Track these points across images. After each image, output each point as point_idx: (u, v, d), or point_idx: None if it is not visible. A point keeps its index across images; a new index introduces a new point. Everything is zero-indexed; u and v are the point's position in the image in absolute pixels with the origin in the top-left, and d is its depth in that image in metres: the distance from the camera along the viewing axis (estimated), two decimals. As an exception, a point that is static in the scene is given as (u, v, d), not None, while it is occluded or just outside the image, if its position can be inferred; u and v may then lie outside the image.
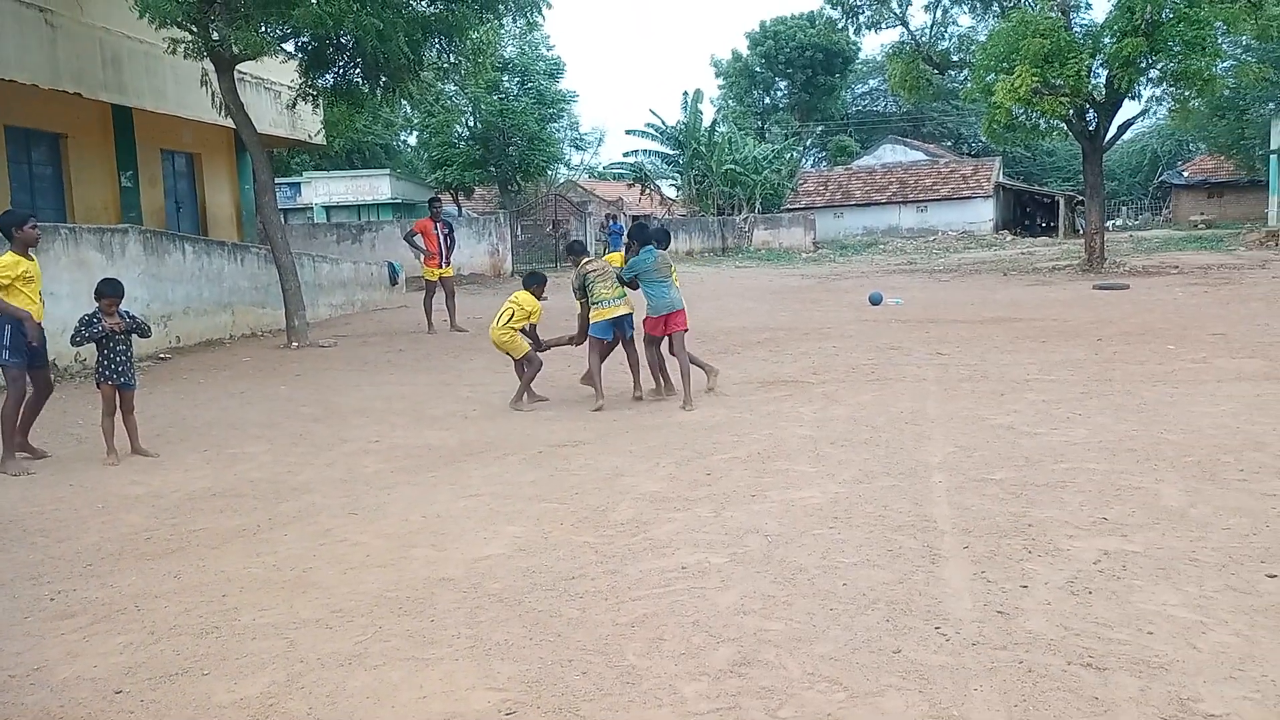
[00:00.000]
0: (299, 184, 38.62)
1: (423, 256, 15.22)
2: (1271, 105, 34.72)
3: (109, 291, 7.05)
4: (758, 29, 58.15)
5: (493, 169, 35.61)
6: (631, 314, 8.59)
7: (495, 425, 7.86)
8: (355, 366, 11.47)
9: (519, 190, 36.94)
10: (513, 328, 8.61)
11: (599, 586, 4.13)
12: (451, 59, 15.61)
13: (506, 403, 8.64)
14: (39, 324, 6.85)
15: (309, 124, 19.32)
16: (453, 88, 27.82)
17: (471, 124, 35.51)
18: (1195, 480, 5.33)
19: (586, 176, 51.01)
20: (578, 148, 45.31)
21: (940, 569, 4.13)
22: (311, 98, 15.50)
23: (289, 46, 15.12)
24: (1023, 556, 4.24)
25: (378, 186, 37.42)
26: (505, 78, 34.89)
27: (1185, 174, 50.44)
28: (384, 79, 14.62)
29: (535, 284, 8.93)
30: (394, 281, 20.64)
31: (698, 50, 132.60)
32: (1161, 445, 6.14)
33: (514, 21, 17.38)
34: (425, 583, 4.27)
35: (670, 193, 45.09)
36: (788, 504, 5.22)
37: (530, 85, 35.57)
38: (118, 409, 7.09)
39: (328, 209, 37.53)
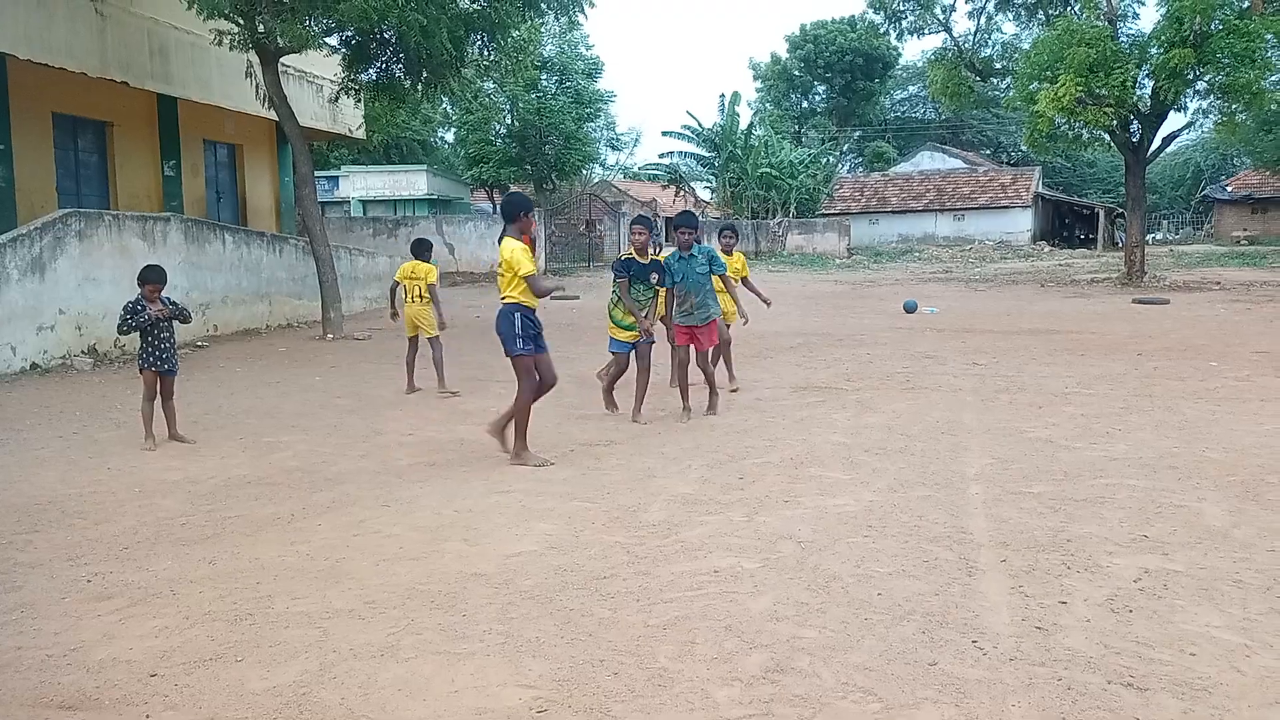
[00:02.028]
0: (337, 178, 38.97)
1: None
2: (1321, 120, 34.02)
3: (152, 278, 7.14)
4: (797, 32, 57.90)
5: (528, 167, 35.72)
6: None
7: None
8: (389, 359, 11.53)
9: (554, 189, 37.03)
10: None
11: (630, 587, 4.11)
12: (493, 56, 15.70)
13: (540, 401, 8.65)
14: None
15: (350, 118, 19.50)
16: (492, 85, 27.94)
17: (509, 121, 35.67)
18: (1238, 500, 5.22)
19: (621, 177, 51.05)
20: (614, 148, 45.44)
21: (977, 582, 4.08)
22: (354, 92, 15.65)
23: (333, 40, 15.27)
24: (1061, 572, 4.17)
25: (414, 182, 37.69)
26: (544, 76, 35.02)
27: (1229, 189, 49.56)
28: (426, 74, 14.73)
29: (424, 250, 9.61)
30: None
31: (736, 53, 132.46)
32: (1204, 463, 6.02)
33: (555, 20, 17.44)
34: (457, 577, 4.28)
35: (705, 195, 45.01)
36: (821, 511, 5.17)
37: (568, 84, 35.67)
38: (157, 394, 7.18)
39: (364, 203, 37.87)
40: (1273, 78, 21.91)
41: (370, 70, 15.30)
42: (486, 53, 15.64)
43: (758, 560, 4.41)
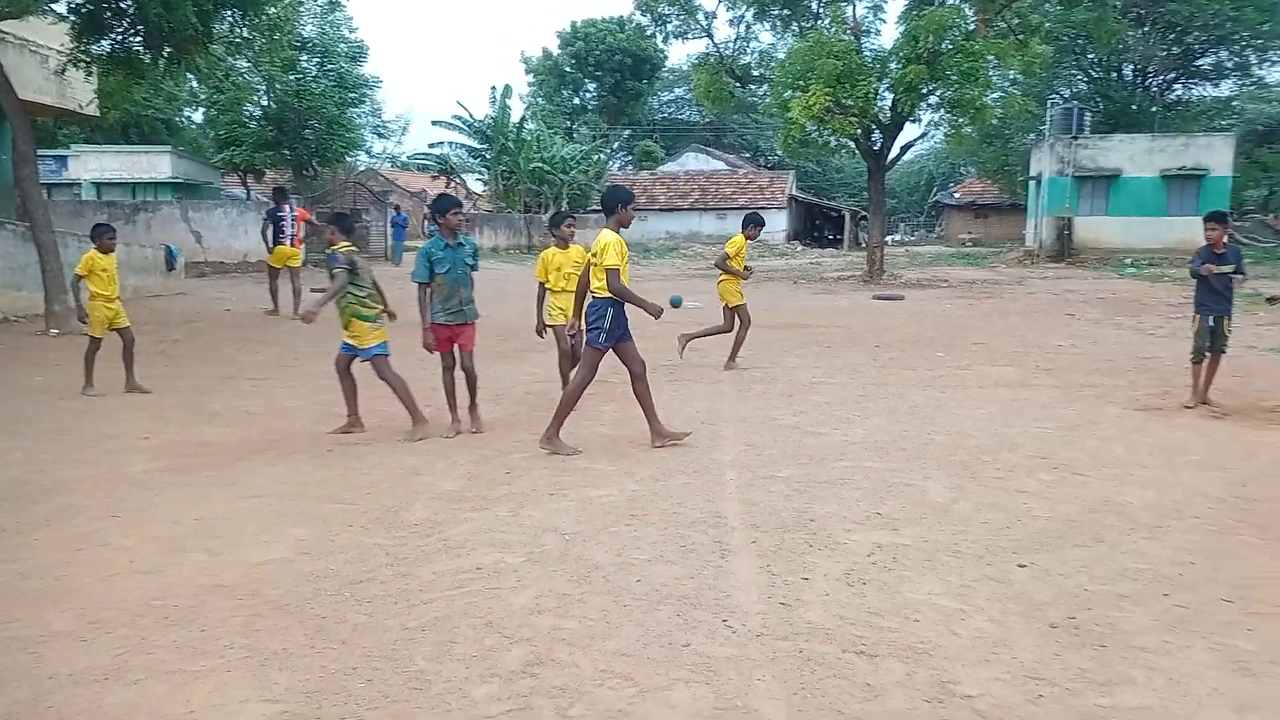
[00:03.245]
0: (66, 158, 35.33)
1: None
2: (1032, 135, 38.18)
3: None
4: (568, 29, 58.37)
5: (287, 152, 33.83)
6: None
7: (282, 421, 7.47)
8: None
9: (315, 176, 35.31)
10: None
11: (389, 590, 3.99)
12: (245, 33, 14.74)
13: (295, 398, 8.23)
14: None
15: (80, 93, 17.69)
16: (245, 64, 26.25)
17: (265, 103, 33.63)
18: (958, 478, 5.76)
19: (389, 165, 49.46)
20: (380, 135, 43.79)
21: (729, 563, 4.27)
22: (84, 64, 14.20)
23: (60, 7, 13.81)
24: (805, 550, 4.44)
25: (157, 164, 34.77)
26: (304, 57, 33.25)
27: (956, 195, 54.73)
28: (168, 49, 13.60)
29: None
30: (171, 267, 19.19)
31: (508, 45, 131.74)
32: (929, 445, 6.60)
33: (314, -1, 16.62)
34: (197, 590, 3.99)
35: (477, 187, 44.49)
36: (586, 502, 5.24)
37: (331, 67, 34.05)
38: None
39: (99, 185, 34.51)
40: (993, 95, 24.36)
41: (104, 41, 13.94)
42: (238, 29, 14.66)
43: (522, 554, 4.40)
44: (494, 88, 41.64)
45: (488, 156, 41.17)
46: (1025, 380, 9.41)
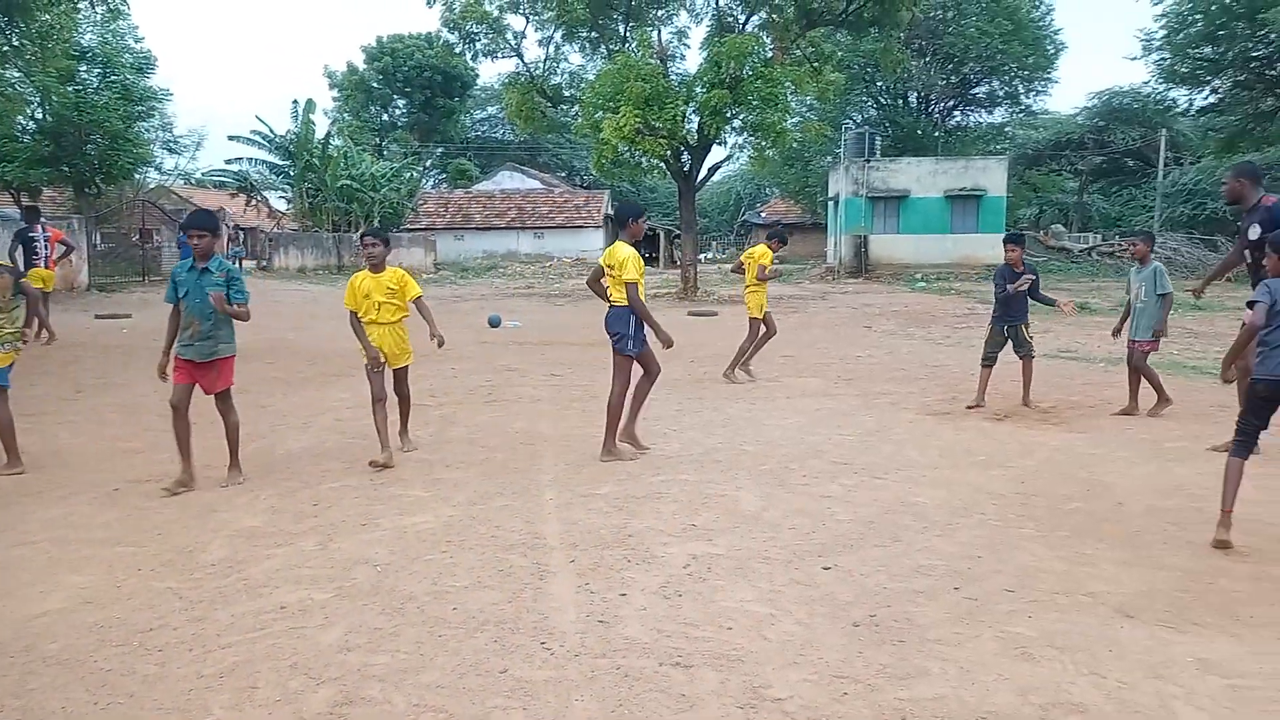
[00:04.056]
0: None
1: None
2: (829, 158, 40.37)
3: None
4: (375, 44, 57.04)
5: (66, 168, 31.33)
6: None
7: (60, 460, 6.86)
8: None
9: (99, 194, 32.83)
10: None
11: (182, 636, 3.73)
12: (15, 41, 13.57)
13: (76, 434, 7.59)
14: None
15: None
16: (16, 74, 24.12)
17: (40, 116, 31.03)
18: (768, 486, 5.97)
19: (183, 183, 46.65)
20: (172, 151, 41.26)
21: (548, 584, 4.24)
22: None
23: None
24: (623, 566, 4.48)
25: (-89, 180, 31.40)
26: (83, 68, 30.93)
27: (763, 214, 57.07)
28: (-81, 54, 12.34)
29: None
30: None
31: (309, 59, 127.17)
32: (742, 456, 6.82)
33: (93, 7, 15.53)
34: (-43, 652, 3.59)
35: (280, 205, 42.62)
36: (400, 531, 5.08)
37: (114, 78, 31.79)
38: None
39: None
40: (793, 120, 25.60)
41: None
42: (6, 36, 13.49)
43: (330, 590, 4.21)
44: (296, 102, 39.96)
45: (291, 173, 39.52)
46: (828, 390, 9.88)
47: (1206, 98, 32.46)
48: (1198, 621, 3.81)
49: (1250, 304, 4.75)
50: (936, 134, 43.14)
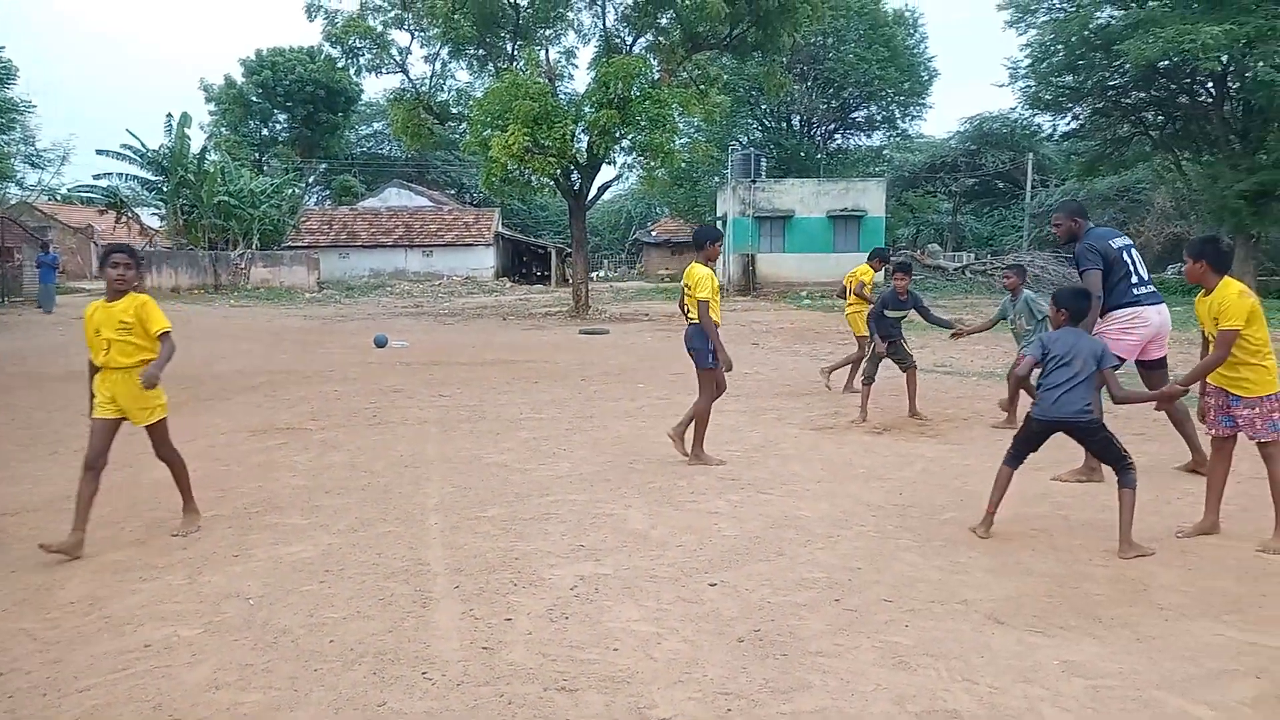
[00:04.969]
0: None
1: None
2: (716, 179, 41.07)
3: None
4: (254, 57, 55.41)
5: (-85, 182, 29.43)
6: None
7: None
8: None
9: (-48, 210, 30.90)
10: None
11: (35, 681, 3.50)
12: None
13: None
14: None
15: None
16: None
17: (-117, 126, 29.09)
18: (657, 504, 5.99)
19: (47, 199, 44.30)
20: (35, 165, 39.15)
21: (431, 612, 4.14)
22: None
23: None
24: (509, 590, 4.41)
25: None
26: (-68, 76, 29.15)
27: (654, 233, 57.66)
28: None
29: None
30: None
31: (184, 72, 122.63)
32: (631, 474, 6.82)
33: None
34: None
35: (153, 222, 40.86)
36: (275, 561, 4.89)
37: (-32, 88, 30.09)
38: None
39: None
40: (681, 141, 25.94)
41: None
42: None
43: (198, 626, 4.02)
44: (170, 116, 38.40)
45: (164, 189, 37.95)
46: (716, 406, 9.93)
47: (1069, 124, 34.32)
48: (1063, 625, 3.98)
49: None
50: (819, 156, 44.44)
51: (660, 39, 25.72)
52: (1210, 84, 28.91)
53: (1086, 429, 4.98)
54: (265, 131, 58.26)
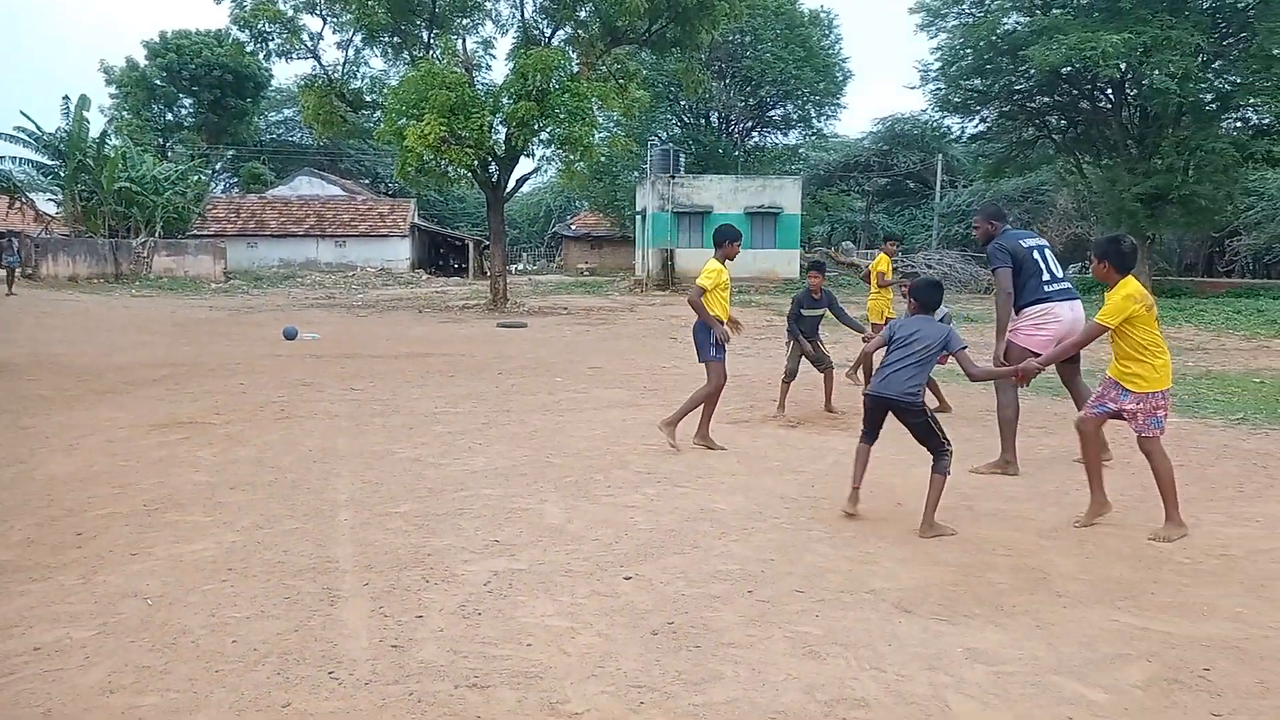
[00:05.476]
0: None
1: None
2: (636, 173, 41.11)
3: None
4: (158, 40, 53.43)
5: None
6: None
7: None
8: None
9: None
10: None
11: (-90, 690, 3.31)
12: None
13: None
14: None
15: None
16: None
17: None
18: (573, 498, 5.96)
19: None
20: (-82, 147, 36.97)
21: (339, 610, 4.05)
22: None
23: None
24: (421, 587, 4.34)
25: None
26: None
27: (574, 227, 57.44)
28: None
29: None
30: None
31: (83, 53, 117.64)
32: (547, 468, 6.78)
33: None
34: None
35: (49, 208, 39.06)
36: (175, 560, 4.72)
37: None
38: None
39: None
40: (600, 134, 25.88)
41: None
42: None
43: (92, 627, 3.85)
44: (67, 98, 36.69)
45: (61, 174, 36.32)
46: (634, 400, 10.01)
47: (977, 126, 35.26)
48: (967, 613, 4.08)
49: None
50: (737, 153, 44.84)
51: (579, 32, 25.59)
52: (1110, 90, 30.03)
53: (908, 409, 5.28)
54: (170, 116, 56.22)
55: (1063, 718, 3.17)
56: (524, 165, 41.15)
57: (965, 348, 5.42)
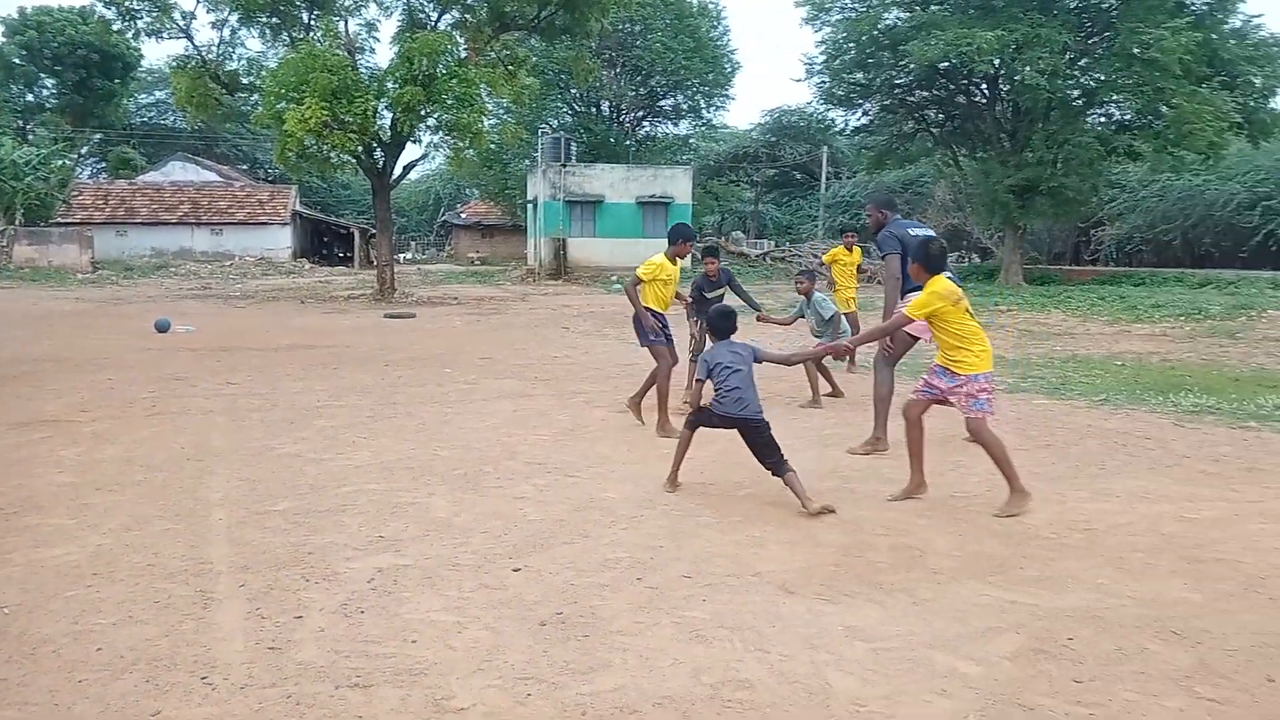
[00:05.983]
0: None
1: None
2: (527, 161, 40.75)
3: None
4: (16, 16, 50.26)
5: None
6: None
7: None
8: None
9: None
10: None
11: None
12: None
13: None
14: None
15: None
16: None
17: None
18: (461, 491, 5.88)
19: None
20: None
21: (212, 613, 3.89)
22: None
23: None
24: (300, 586, 4.21)
25: None
26: None
27: (464, 215, 56.62)
28: None
29: None
30: None
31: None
32: (435, 461, 6.67)
33: None
34: None
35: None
36: (35, 565, 4.46)
37: None
38: None
39: None
40: (490, 122, 25.55)
41: None
42: None
43: (-61, 641, 3.61)
44: (-86, 75, 34.24)
45: (-92, 157, 33.86)
46: (525, 391, 9.94)
47: (859, 119, 36.13)
48: (847, 592, 4.20)
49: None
50: (628, 143, 44.95)
51: (467, 17, 25.18)
52: (984, 86, 31.21)
53: (757, 427, 5.60)
54: (30, 97, 53.00)
55: (937, 690, 3.29)
56: (411, 152, 40.36)
57: (759, 350, 5.84)
